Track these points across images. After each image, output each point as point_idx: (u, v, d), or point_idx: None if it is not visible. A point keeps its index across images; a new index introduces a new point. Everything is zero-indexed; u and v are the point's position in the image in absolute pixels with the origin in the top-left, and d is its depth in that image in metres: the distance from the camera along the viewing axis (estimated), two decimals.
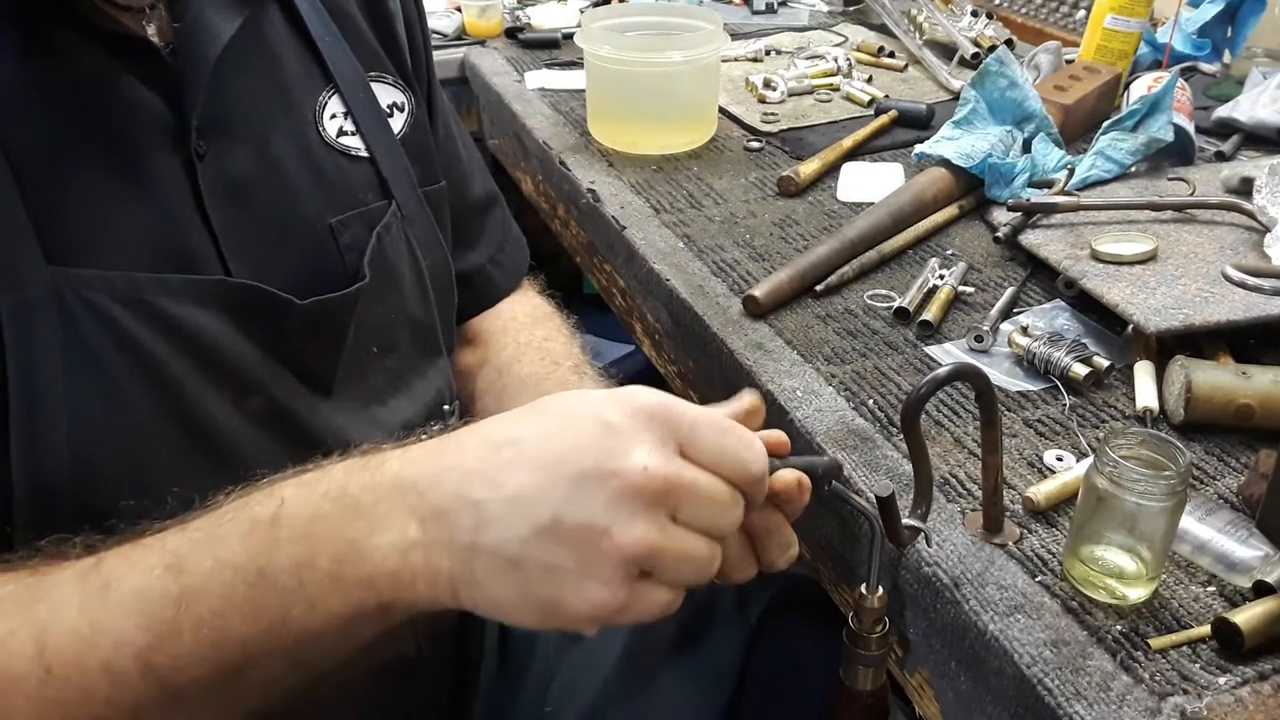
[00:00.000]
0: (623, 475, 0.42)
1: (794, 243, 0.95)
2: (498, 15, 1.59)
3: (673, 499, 0.43)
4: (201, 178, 0.57)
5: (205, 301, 0.55)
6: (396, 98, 0.72)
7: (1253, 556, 0.56)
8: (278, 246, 0.60)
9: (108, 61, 0.54)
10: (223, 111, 0.58)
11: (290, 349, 0.59)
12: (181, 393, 0.54)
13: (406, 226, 0.68)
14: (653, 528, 0.43)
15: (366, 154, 0.67)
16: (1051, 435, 0.68)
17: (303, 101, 0.65)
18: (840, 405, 0.71)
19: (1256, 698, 0.49)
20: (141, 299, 0.53)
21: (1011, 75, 1.03)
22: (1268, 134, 1.11)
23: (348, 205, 0.65)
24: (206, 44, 0.58)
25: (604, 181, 1.08)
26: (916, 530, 0.56)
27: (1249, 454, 0.65)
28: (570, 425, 0.45)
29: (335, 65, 0.67)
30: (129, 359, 0.52)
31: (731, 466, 0.46)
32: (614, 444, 0.43)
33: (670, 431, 0.44)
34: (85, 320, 0.51)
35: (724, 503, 0.45)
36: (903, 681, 0.62)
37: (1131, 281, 0.78)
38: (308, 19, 0.66)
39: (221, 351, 0.56)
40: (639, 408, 0.44)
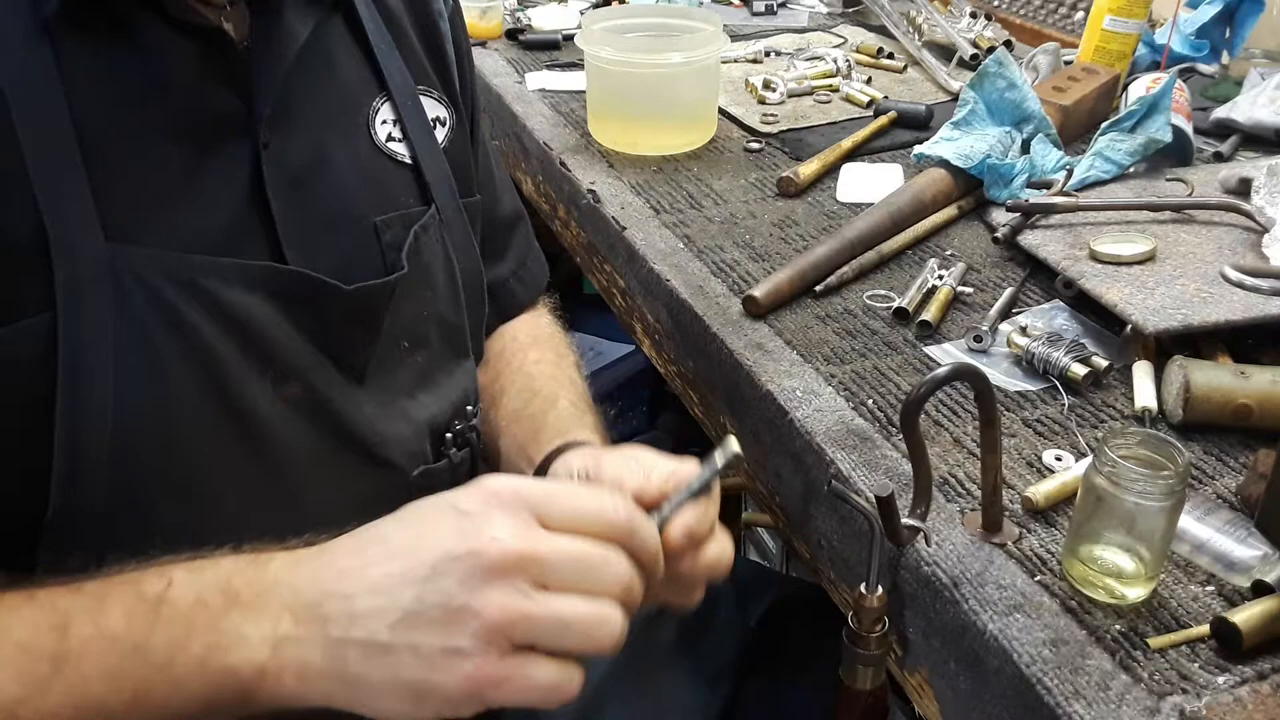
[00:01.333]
0: (476, 552, 0.44)
1: (794, 243, 0.95)
2: (498, 17, 1.59)
3: (533, 567, 0.45)
4: (266, 166, 0.58)
5: (255, 286, 0.56)
6: (440, 112, 0.74)
7: (1251, 556, 0.56)
8: (328, 236, 0.62)
9: (185, 50, 0.56)
10: (288, 107, 0.60)
11: (330, 336, 0.61)
12: (225, 374, 0.55)
13: (444, 230, 0.70)
14: (513, 596, 0.44)
15: (411, 161, 0.69)
16: (1050, 435, 0.68)
17: (357, 106, 0.67)
18: (840, 405, 0.71)
19: (1255, 697, 0.49)
20: (194, 280, 0.54)
21: (1010, 76, 1.03)
22: (1266, 135, 1.11)
23: (391, 206, 0.66)
24: (284, 42, 0.60)
25: (604, 182, 1.08)
26: (916, 530, 0.57)
27: (1247, 454, 0.65)
28: (429, 516, 0.47)
29: (389, 74, 0.69)
30: (177, 338, 0.53)
31: (591, 523, 0.47)
32: (465, 526, 0.45)
33: (522, 506, 0.46)
34: (137, 297, 0.52)
35: (593, 561, 0.46)
36: (902, 681, 0.62)
37: (1130, 282, 0.78)
38: (368, 28, 0.68)
39: (266, 336, 0.57)
40: (490, 492, 0.47)
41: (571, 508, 0.47)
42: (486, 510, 0.46)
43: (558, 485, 0.49)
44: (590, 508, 0.47)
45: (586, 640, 0.45)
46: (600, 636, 0.46)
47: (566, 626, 0.45)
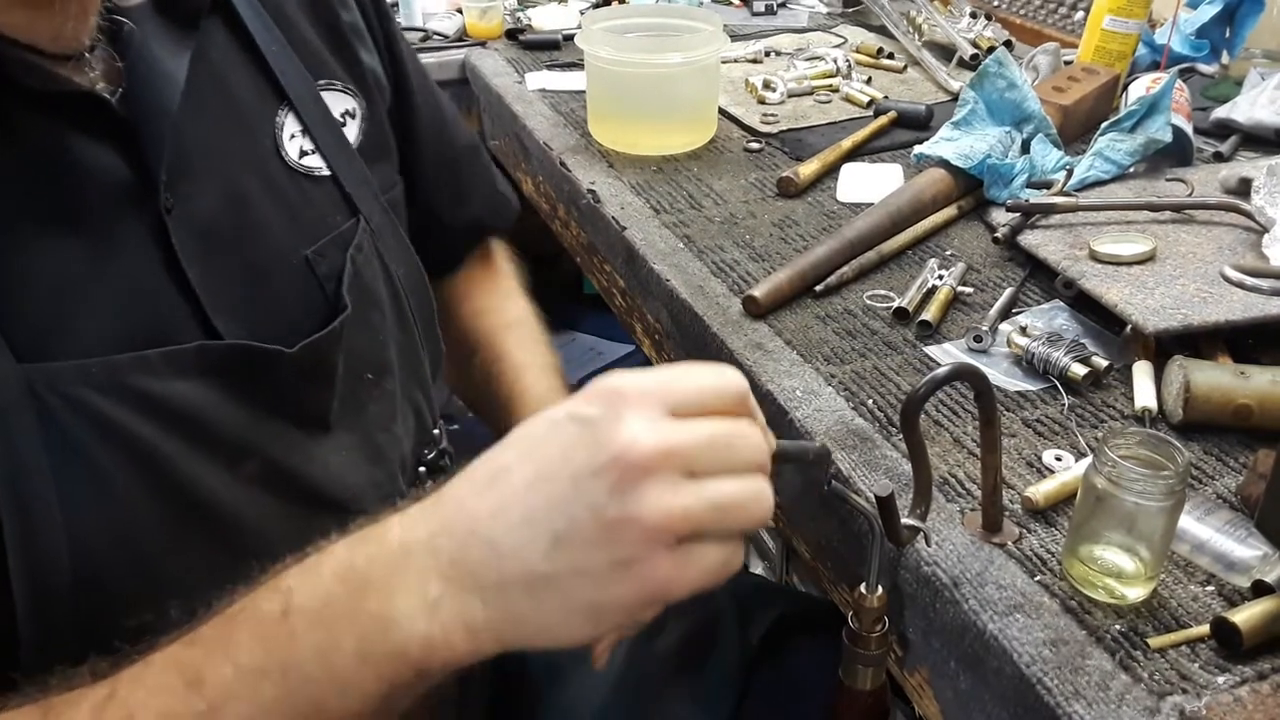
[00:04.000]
0: (618, 458, 0.41)
1: (793, 243, 0.95)
2: (498, 17, 1.59)
3: (677, 458, 0.42)
4: (173, 233, 0.53)
5: (188, 372, 0.52)
6: (348, 104, 0.68)
7: (1251, 556, 0.56)
8: (258, 290, 0.57)
9: (54, 125, 0.49)
10: (184, 157, 0.54)
11: (283, 399, 0.56)
12: (175, 472, 0.51)
13: (376, 241, 0.66)
14: (667, 493, 0.41)
15: (329, 172, 0.64)
16: (1050, 435, 0.68)
17: (259, 126, 0.61)
18: (840, 405, 0.71)
19: (1255, 697, 0.49)
20: (121, 382, 0.49)
21: (1010, 76, 1.03)
22: (1266, 135, 1.11)
23: (320, 232, 0.62)
24: (162, 89, 0.53)
25: (604, 182, 1.08)
26: (916, 530, 0.57)
27: (1247, 454, 0.65)
28: (548, 434, 0.44)
29: (285, 79, 0.63)
30: (116, 448, 0.49)
31: (717, 400, 0.45)
32: (596, 433, 0.42)
33: (645, 399, 0.43)
34: (66, 415, 0.47)
35: (731, 438, 0.44)
36: (902, 681, 0.62)
37: (1130, 282, 0.78)
38: (253, 29, 0.61)
39: (211, 422, 0.52)
40: (610, 391, 0.43)
41: (696, 389, 0.44)
42: (614, 413, 0.42)
43: (670, 371, 0.44)
44: (712, 386, 0.45)
45: (745, 517, 0.44)
46: (756, 511, 0.44)
47: (724, 510, 0.43)
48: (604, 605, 0.42)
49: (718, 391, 0.45)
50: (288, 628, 0.43)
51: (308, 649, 0.43)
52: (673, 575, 0.42)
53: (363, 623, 0.43)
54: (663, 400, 0.43)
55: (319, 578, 0.44)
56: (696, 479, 0.43)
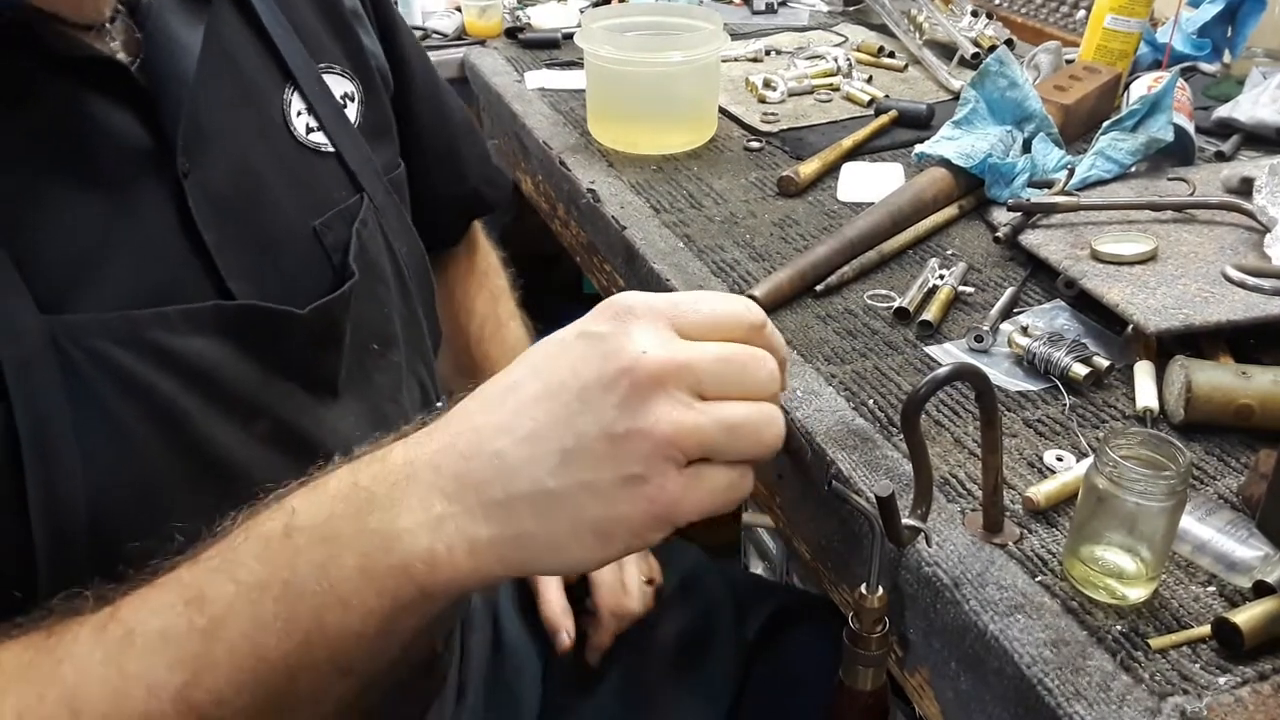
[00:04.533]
0: (627, 371, 0.41)
1: (794, 243, 0.95)
2: (498, 15, 1.59)
3: (688, 375, 0.42)
4: (190, 197, 0.54)
5: (205, 329, 0.53)
6: (347, 87, 0.69)
7: (1253, 556, 0.56)
8: (269, 257, 0.59)
9: (76, 89, 0.51)
10: (199, 125, 0.56)
11: (293, 361, 0.58)
12: (191, 426, 0.52)
13: (380, 219, 0.67)
14: (675, 408, 0.41)
15: (333, 149, 0.65)
16: (1051, 435, 0.68)
17: (268, 103, 0.63)
18: (840, 405, 0.71)
19: (1256, 698, 0.49)
20: (141, 337, 0.51)
21: (1011, 75, 1.03)
22: (1268, 134, 1.11)
23: (326, 205, 0.63)
24: (179, 57, 0.55)
25: (604, 181, 1.08)
26: (916, 530, 0.56)
27: (1249, 454, 0.65)
28: (558, 350, 0.44)
29: (290, 60, 0.64)
30: (135, 400, 0.50)
31: (731, 325, 0.44)
32: (605, 348, 0.42)
33: (655, 317, 0.43)
34: (87, 367, 0.49)
35: (745, 362, 0.43)
36: (903, 681, 0.62)
37: (1131, 281, 0.78)
38: (259, 10, 0.63)
39: (226, 378, 0.54)
40: (617, 309, 0.43)
41: (709, 311, 0.44)
42: (623, 327, 0.42)
43: (683, 294, 0.44)
44: (726, 310, 0.44)
45: (756, 443, 0.43)
46: (768, 437, 0.44)
47: (735, 432, 0.42)
48: (612, 523, 0.41)
49: (731, 317, 0.44)
50: (290, 544, 0.43)
51: (309, 564, 0.42)
52: (681, 494, 0.41)
53: (365, 538, 0.42)
54: (673, 319, 0.43)
55: (322, 495, 0.44)
56: (707, 400, 0.42)
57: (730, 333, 0.44)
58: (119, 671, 0.42)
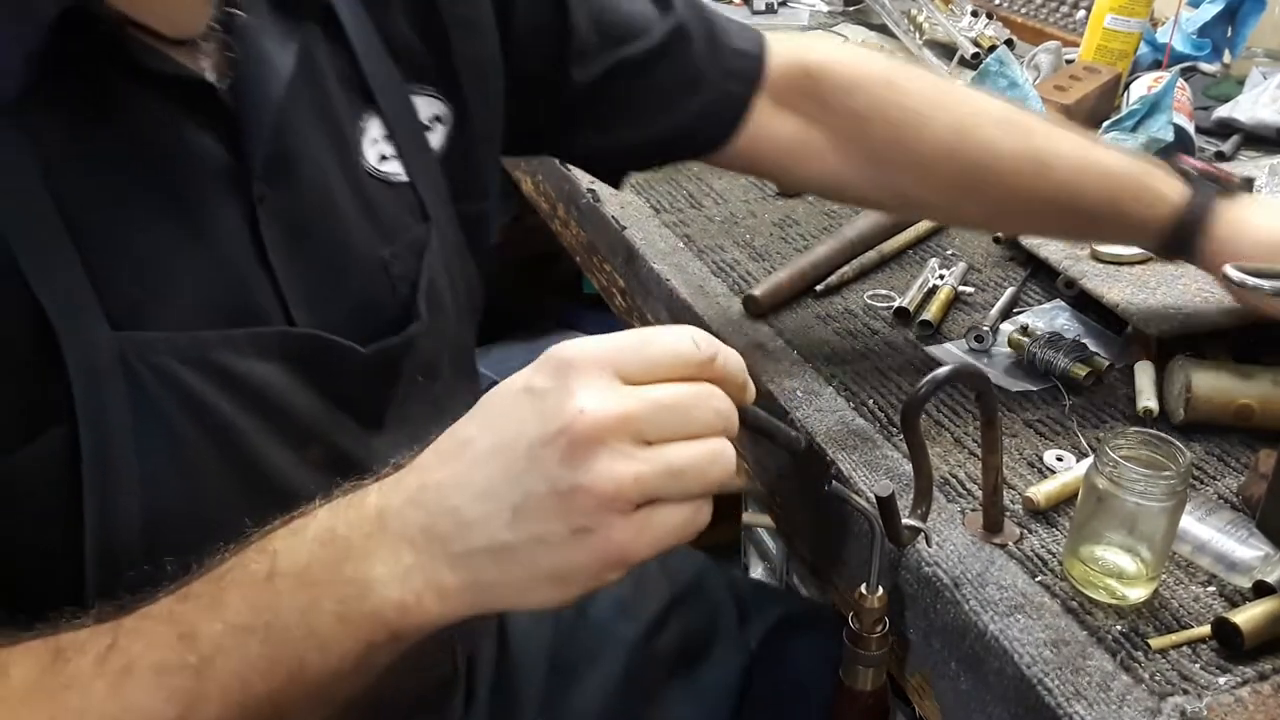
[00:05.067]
0: (565, 429, 0.42)
1: (794, 243, 0.95)
2: None
3: (629, 426, 0.43)
4: (263, 224, 0.54)
5: (269, 354, 0.53)
6: (437, 109, 0.67)
7: (1253, 556, 0.56)
8: (336, 287, 0.58)
9: (164, 106, 0.51)
10: (281, 151, 0.55)
11: (348, 394, 0.58)
12: (248, 448, 0.52)
13: (444, 247, 0.66)
14: (618, 461, 0.42)
15: (406, 178, 0.64)
16: (1051, 435, 0.68)
17: (347, 129, 0.61)
18: (840, 405, 0.71)
19: (1256, 698, 0.49)
20: (207, 358, 0.51)
21: (1011, 75, 1.03)
22: (1268, 134, 1.11)
23: (394, 235, 0.62)
24: (268, 81, 0.54)
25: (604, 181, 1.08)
26: (916, 530, 0.57)
27: (1249, 454, 0.65)
28: (505, 406, 0.45)
29: (375, 82, 0.62)
30: (196, 419, 0.50)
31: (673, 366, 0.45)
32: (546, 406, 0.43)
33: (597, 368, 0.44)
34: (152, 384, 0.49)
35: (686, 402, 0.44)
36: (903, 681, 0.62)
37: (1131, 281, 0.78)
38: (349, 29, 0.61)
39: (285, 403, 0.54)
40: (561, 362, 0.44)
41: (649, 356, 0.44)
42: (563, 383, 0.43)
43: (627, 336, 0.45)
44: (668, 350, 0.45)
45: (703, 480, 0.44)
46: (713, 475, 0.44)
47: (680, 474, 0.43)
48: (567, 571, 0.44)
49: (675, 356, 0.45)
50: (273, 589, 0.45)
51: (291, 610, 0.44)
52: (630, 541, 0.43)
53: (341, 586, 0.44)
54: (614, 367, 0.44)
55: (302, 541, 0.46)
56: (651, 445, 0.43)
57: (677, 372, 0.45)
58: (120, 704, 0.43)
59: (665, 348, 0.45)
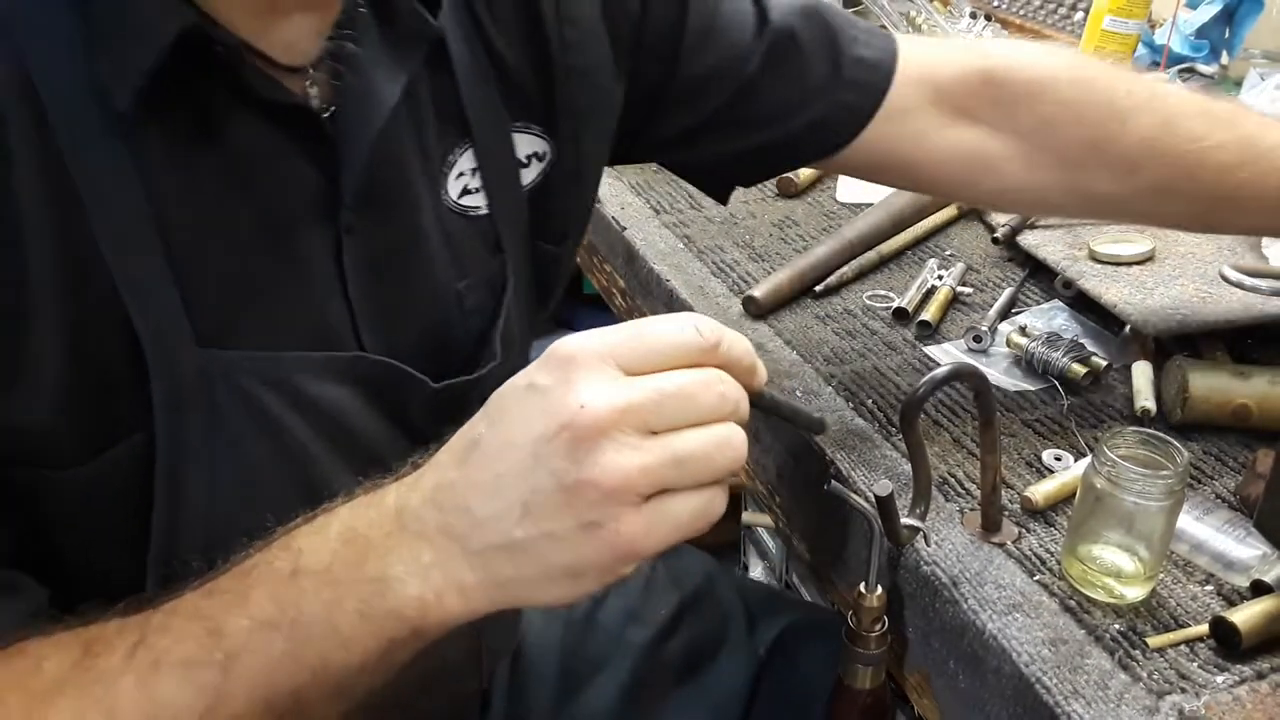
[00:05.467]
0: (568, 424, 0.42)
1: (793, 243, 0.95)
2: None
3: (632, 418, 0.42)
4: (346, 254, 0.55)
5: (342, 378, 0.54)
6: (539, 148, 0.66)
7: (1250, 556, 0.56)
8: (410, 317, 0.59)
9: (267, 131, 0.51)
10: (373, 182, 0.55)
11: (414, 424, 0.58)
12: (315, 470, 0.53)
13: (519, 285, 0.65)
14: (622, 454, 0.42)
15: (486, 210, 0.63)
16: (1050, 435, 0.68)
17: (437, 161, 0.61)
18: (840, 405, 0.71)
19: (1254, 696, 0.49)
20: (284, 379, 0.52)
21: None
22: None
23: (470, 268, 0.62)
24: (371, 111, 0.54)
25: (604, 182, 1.08)
26: (915, 530, 0.57)
27: (1246, 454, 0.66)
28: (511, 404, 0.45)
29: (475, 118, 0.61)
30: (269, 439, 0.51)
31: (677, 354, 0.44)
32: (548, 403, 0.43)
33: (597, 362, 0.43)
34: (229, 403, 0.50)
35: (692, 389, 0.44)
36: (901, 680, 0.62)
37: (1129, 282, 0.78)
38: (457, 65, 0.60)
39: (354, 428, 0.55)
40: (562, 359, 0.44)
41: (650, 346, 0.44)
42: (564, 379, 0.43)
43: (628, 327, 0.45)
44: (668, 339, 0.44)
45: (712, 467, 0.44)
46: (722, 460, 0.44)
47: (687, 461, 0.43)
48: (580, 566, 0.43)
49: (677, 344, 0.44)
50: (297, 586, 0.45)
51: (314, 607, 0.45)
52: (640, 533, 0.43)
53: (362, 585, 0.45)
54: (615, 359, 0.43)
55: (325, 539, 0.46)
56: (657, 435, 0.43)
57: (680, 360, 0.44)
58: (149, 697, 0.44)
59: (666, 336, 0.45)
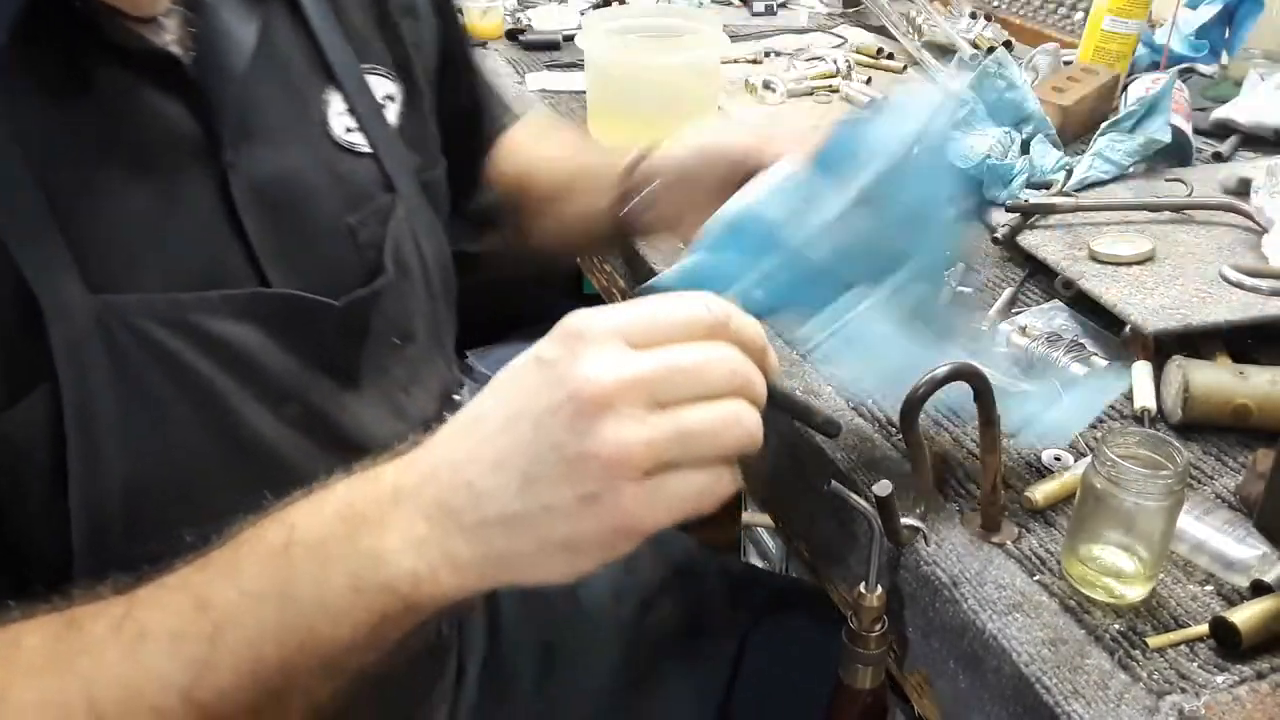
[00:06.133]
0: (573, 396, 0.42)
1: None
2: (499, 17, 1.59)
3: (639, 391, 0.42)
4: (234, 188, 0.57)
5: (244, 315, 0.55)
6: (389, 89, 0.72)
7: (1250, 556, 0.56)
8: (306, 250, 0.61)
9: (131, 78, 0.54)
10: (247, 120, 0.58)
11: (323, 350, 0.60)
12: (226, 407, 0.54)
13: (410, 218, 0.69)
14: (626, 426, 0.41)
15: (370, 150, 0.68)
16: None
17: (311, 102, 0.65)
18: (840, 405, 0.71)
19: (1254, 696, 0.49)
20: (184, 319, 0.53)
21: (1010, 77, 1.03)
22: (1265, 135, 1.11)
23: (361, 203, 0.65)
24: (231, 54, 0.58)
25: None
26: (915, 529, 0.57)
27: (1246, 454, 0.66)
28: (514, 379, 0.45)
29: (333, 59, 0.67)
30: (176, 380, 0.52)
31: (685, 329, 0.44)
32: (554, 375, 0.43)
33: (606, 336, 0.43)
34: (131, 347, 0.51)
35: (700, 363, 0.43)
36: (901, 680, 0.62)
37: (1129, 282, 0.78)
38: (308, 10, 0.66)
39: (261, 363, 0.56)
40: (569, 332, 0.44)
41: (659, 321, 0.44)
42: (571, 352, 0.43)
43: (639, 304, 0.45)
44: (679, 315, 0.44)
45: (719, 443, 0.43)
46: (731, 436, 0.43)
47: (693, 437, 0.42)
48: (578, 540, 0.43)
49: (687, 319, 0.44)
50: (288, 558, 0.46)
51: (305, 579, 0.45)
52: (641, 508, 0.42)
53: (355, 558, 0.45)
54: (624, 334, 0.43)
55: (321, 514, 0.47)
56: (664, 409, 0.42)
57: (689, 335, 0.44)
58: (133, 668, 0.45)
59: (676, 311, 0.44)
